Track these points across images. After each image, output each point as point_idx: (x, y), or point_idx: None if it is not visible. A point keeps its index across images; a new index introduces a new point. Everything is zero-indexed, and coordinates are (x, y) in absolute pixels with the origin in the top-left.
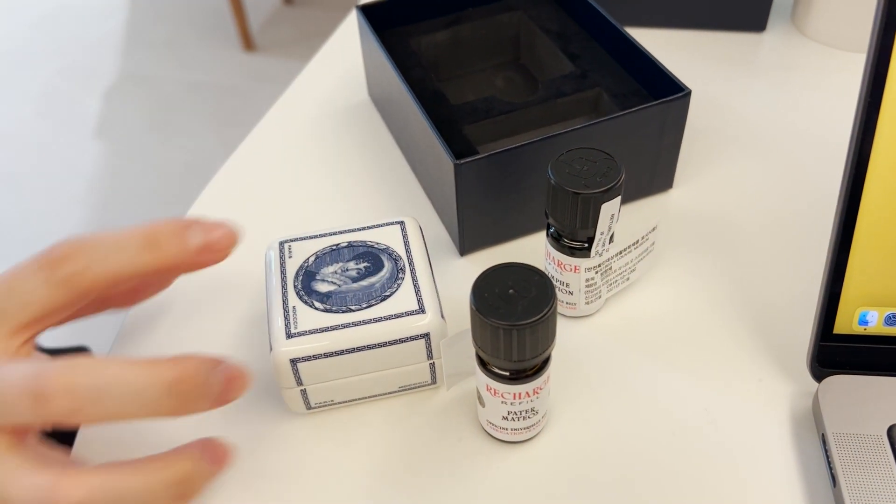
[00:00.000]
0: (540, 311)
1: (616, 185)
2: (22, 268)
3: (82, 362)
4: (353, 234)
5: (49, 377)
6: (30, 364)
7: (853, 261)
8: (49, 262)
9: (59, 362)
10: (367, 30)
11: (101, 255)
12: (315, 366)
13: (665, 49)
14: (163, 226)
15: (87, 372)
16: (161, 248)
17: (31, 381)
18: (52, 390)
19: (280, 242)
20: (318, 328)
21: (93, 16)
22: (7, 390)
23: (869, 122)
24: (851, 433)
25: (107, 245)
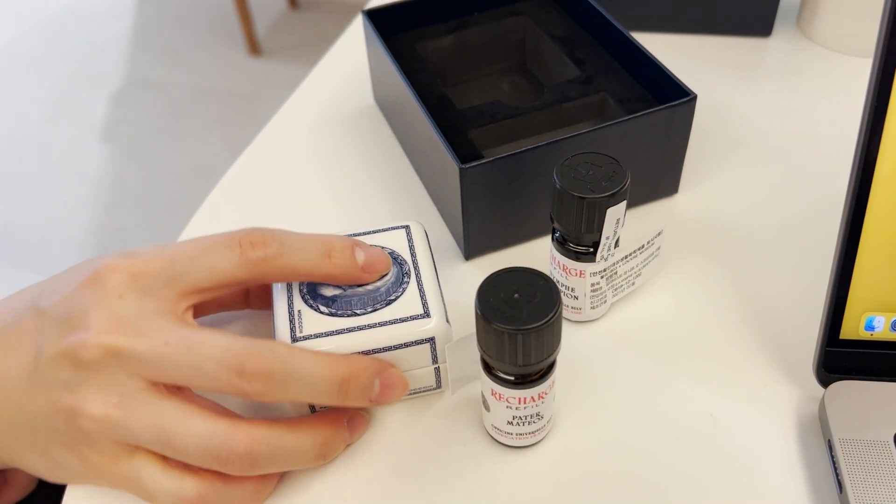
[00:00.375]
0: (545, 316)
1: (621, 190)
2: (216, 240)
3: (279, 348)
4: (358, 238)
5: (251, 358)
6: (230, 338)
7: (859, 266)
8: (244, 241)
9: (258, 344)
10: (373, 34)
11: (289, 249)
12: None
13: (671, 54)
14: (335, 240)
15: (283, 359)
16: (334, 258)
17: (233, 357)
18: (252, 371)
19: None
20: (323, 332)
21: (100, 20)
22: (208, 360)
23: (875, 127)
24: (858, 439)
25: (295, 242)
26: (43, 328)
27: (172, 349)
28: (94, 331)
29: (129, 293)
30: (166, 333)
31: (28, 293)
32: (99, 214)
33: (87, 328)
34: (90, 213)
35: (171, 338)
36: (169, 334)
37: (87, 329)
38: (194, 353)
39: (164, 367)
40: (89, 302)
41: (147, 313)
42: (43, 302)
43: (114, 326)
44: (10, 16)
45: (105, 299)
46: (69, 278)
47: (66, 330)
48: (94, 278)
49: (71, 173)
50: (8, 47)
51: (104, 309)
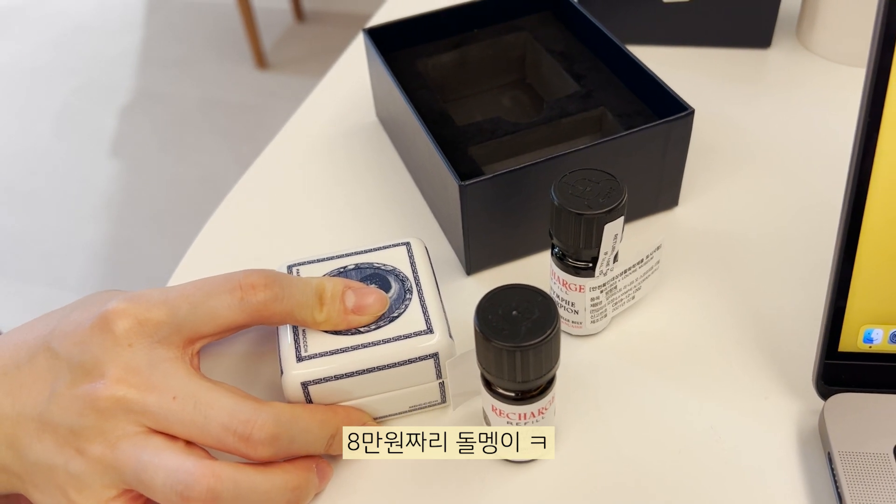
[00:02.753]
0: (543, 333)
1: (619, 206)
2: (217, 284)
3: (284, 414)
4: (360, 257)
5: (258, 427)
6: (235, 400)
7: (857, 278)
8: (245, 285)
9: (264, 410)
10: (374, 52)
11: (288, 292)
12: (326, 388)
13: (670, 66)
14: (329, 283)
15: (288, 424)
16: (325, 304)
17: (240, 424)
18: (259, 440)
19: (288, 266)
20: (327, 351)
21: (109, 35)
22: (213, 423)
23: (869, 140)
24: (858, 452)
25: (293, 286)
26: (57, 371)
27: (179, 405)
28: (108, 381)
29: (139, 342)
30: (174, 387)
31: (39, 328)
32: (109, 227)
33: (102, 378)
34: (100, 226)
35: (179, 392)
36: (177, 388)
37: (102, 379)
38: (200, 412)
39: (170, 421)
40: (101, 349)
41: (157, 363)
42: (55, 343)
43: (125, 376)
44: (23, 32)
45: (116, 347)
46: (79, 318)
47: (79, 376)
48: (103, 323)
49: (81, 186)
50: (20, 63)
51: (116, 358)
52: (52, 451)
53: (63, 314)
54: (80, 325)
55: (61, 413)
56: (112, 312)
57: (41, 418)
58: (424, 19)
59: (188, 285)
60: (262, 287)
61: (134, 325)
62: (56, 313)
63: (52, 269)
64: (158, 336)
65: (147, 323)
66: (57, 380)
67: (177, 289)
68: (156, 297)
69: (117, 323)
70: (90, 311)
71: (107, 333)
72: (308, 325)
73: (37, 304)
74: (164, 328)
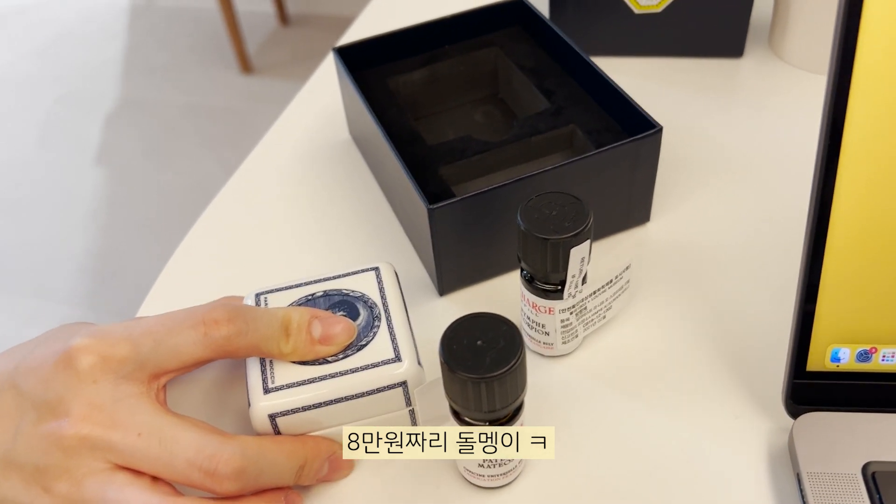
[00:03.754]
0: (508, 363)
1: (584, 230)
2: (180, 320)
3: (250, 448)
4: (328, 283)
5: (224, 462)
6: (201, 435)
7: (822, 299)
8: (208, 320)
9: (229, 444)
10: (343, 71)
11: (252, 326)
12: (294, 419)
13: (643, 78)
14: (295, 314)
15: (255, 458)
16: (292, 335)
17: (206, 459)
18: (225, 475)
19: (256, 294)
20: (295, 382)
21: (93, 43)
22: (179, 459)
23: (830, 162)
24: (826, 472)
25: (258, 319)
26: (22, 409)
27: (144, 442)
28: (73, 419)
29: (103, 378)
30: (139, 423)
31: (3, 363)
32: (95, 237)
33: (66, 416)
34: (86, 236)
35: (143, 428)
36: (142, 424)
37: (67, 417)
38: (165, 448)
39: (136, 458)
40: (65, 387)
41: (121, 399)
42: (20, 380)
43: (90, 413)
44: (5, 42)
45: (80, 384)
46: (43, 354)
47: (44, 414)
48: (66, 360)
49: (66, 196)
50: (3, 73)
51: (80, 396)
52: (19, 490)
53: (27, 350)
54: (45, 362)
55: (27, 452)
56: (76, 349)
57: (7, 457)
58: (395, 37)
59: (152, 320)
60: (226, 322)
61: (98, 362)
62: (20, 348)
63: (38, 280)
64: (123, 372)
65: (111, 359)
66: (22, 418)
67: (141, 324)
68: (119, 332)
69: (81, 360)
70: (54, 347)
71: (70, 370)
72: (275, 356)
73: (25, 317)
74: (128, 364)
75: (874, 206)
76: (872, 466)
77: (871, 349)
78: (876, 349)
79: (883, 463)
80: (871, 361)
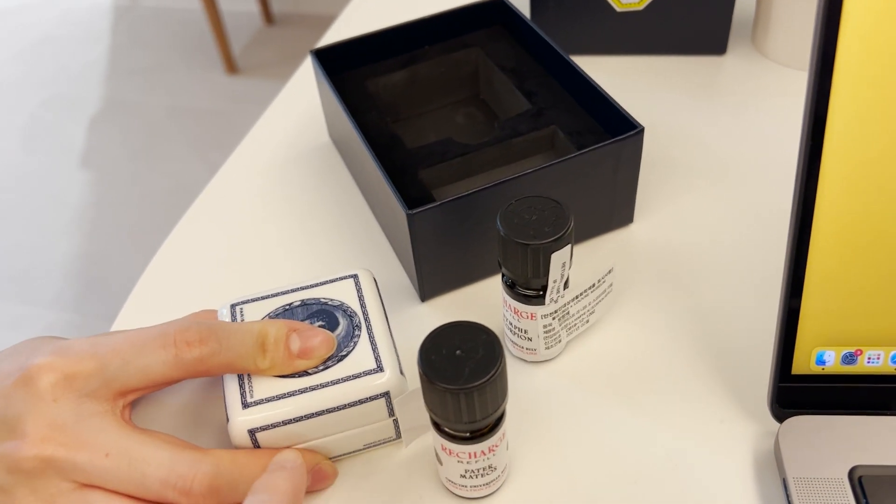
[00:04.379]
0: (487, 373)
1: (565, 234)
2: (152, 338)
3: (224, 462)
4: (306, 292)
5: (198, 480)
6: (172, 452)
7: (807, 301)
8: (180, 341)
9: (202, 461)
10: (321, 74)
11: (226, 345)
12: (274, 434)
13: (625, 76)
14: (271, 328)
15: (229, 473)
16: (269, 351)
17: (179, 478)
18: (199, 493)
19: (232, 305)
20: (274, 395)
21: (75, 46)
22: (152, 480)
23: (813, 163)
24: (812, 477)
25: (231, 337)
26: None
27: (113, 463)
28: (32, 439)
29: (64, 396)
30: (106, 443)
31: None
32: (80, 241)
33: (24, 436)
34: (71, 240)
35: (111, 448)
36: (109, 444)
37: (24, 436)
38: (136, 469)
39: (105, 479)
40: (23, 406)
41: (85, 417)
42: None
43: (51, 434)
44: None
45: (39, 403)
46: (6, 370)
47: (2, 433)
48: (26, 379)
49: (51, 200)
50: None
51: (39, 415)
52: None
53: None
54: (5, 380)
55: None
56: (36, 367)
57: None
58: (374, 38)
59: (120, 337)
60: (198, 343)
61: (59, 380)
62: None
63: (24, 285)
64: (86, 390)
65: (75, 377)
66: None
67: (109, 341)
68: (85, 349)
69: (41, 378)
70: (17, 362)
71: (30, 388)
72: (252, 372)
73: (10, 322)
74: (93, 381)
75: (857, 206)
76: (859, 470)
77: (856, 351)
78: (861, 351)
79: (869, 467)
80: (857, 363)
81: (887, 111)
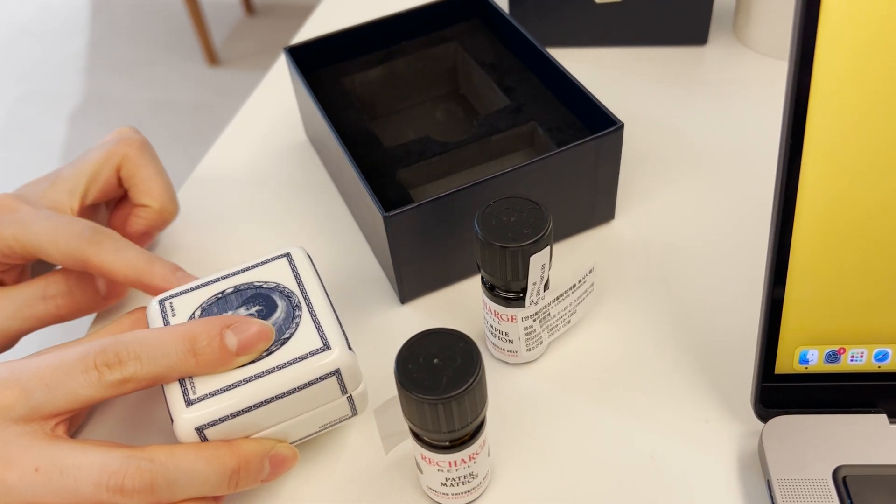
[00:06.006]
0: (465, 382)
1: (544, 236)
2: (72, 362)
3: (158, 455)
4: (237, 278)
5: (130, 474)
6: (104, 452)
7: (789, 301)
8: (100, 364)
9: (134, 455)
10: (295, 72)
11: (147, 360)
12: (224, 428)
13: (605, 68)
14: (200, 331)
15: (164, 466)
16: (201, 353)
17: (110, 476)
18: (133, 487)
19: (160, 301)
20: (219, 388)
21: (54, 39)
22: (84, 484)
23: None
24: (796, 479)
25: (153, 349)
26: None
27: (44, 476)
28: None
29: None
30: (35, 458)
31: None
32: None
33: None
34: None
35: (40, 462)
36: (38, 459)
37: None
38: (69, 476)
39: (38, 493)
40: None
41: (11, 440)
42: None
43: None
44: None
45: None
46: None
47: None
48: None
49: None
50: None
51: None
52: None
53: None
54: None
55: None
56: None
57: None
58: (349, 34)
59: (41, 362)
60: (117, 365)
61: None
62: None
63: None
64: (12, 416)
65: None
66: None
67: (30, 366)
68: (6, 376)
69: None
70: None
71: None
72: (185, 376)
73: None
74: (17, 409)
75: (840, 198)
76: (843, 471)
77: (839, 350)
78: (844, 350)
79: (854, 467)
80: (840, 362)
81: (868, 100)
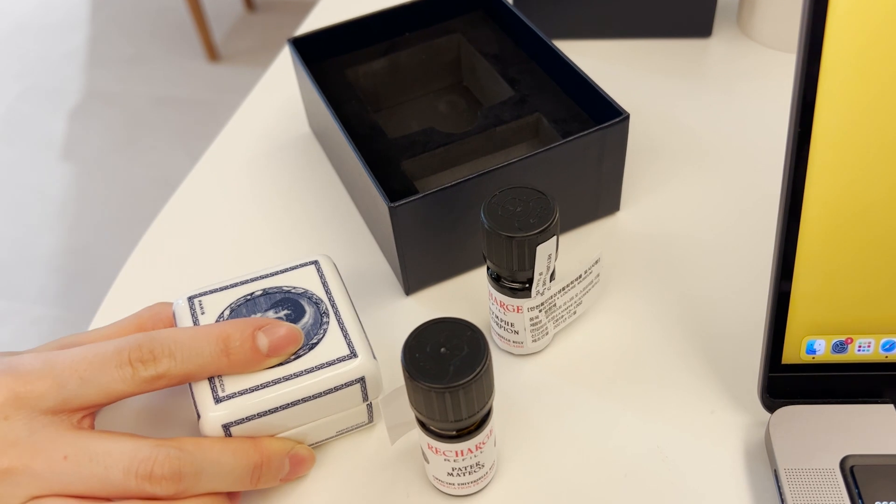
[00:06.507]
0: (473, 371)
1: (550, 226)
2: (107, 357)
3: (187, 445)
4: (266, 281)
5: (160, 462)
6: (133, 442)
7: (796, 290)
8: (134, 360)
9: (164, 444)
10: (299, 64)
11: (181, 357)
12: (248, 427)
13: (609, 61)
14: (233, 331)
15: (192, 456)
16: (233, 353)
17: (140, 463)
18: (162, 475)
19: (189, 298)
20: (247, 388)
21: (54, 35)
22: (114, 470)
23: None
24: (804, 468)
25: (187, 347)
26: None
27: (73, 464)
28: None
29: (16, 414)
30: (63, 446)
31: None
32: (63, 234)
33: None
34: (54, 233)
35: (68, 450)
36: (66, 447)
37: None
38: (98, 463)
39: (65, 482)
40: None
41: (38, 430)
42: None
43: (5, 449)
44: None
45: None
46: None
47: None
48: None
49: (32, 193)
50: None
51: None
52: None
53: None
54: None
55: None
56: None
57: None
58: (352, 26)
59: (76, 354)
60: (151, 361)
61: (10, 399)
62: None
63: (6, 279)
64: (41, 407)
65: (27, 396)
66: None
67: (63, 358)
68: (38, 367)
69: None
70: None
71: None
72: (216, 375)
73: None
74: (49, 400)
75: (847, 189)
76: (851, 460)
77: (846, 340)
78: (852, 339)
79: (861, 456)
80: (847, 352)
81: (876, 91)
